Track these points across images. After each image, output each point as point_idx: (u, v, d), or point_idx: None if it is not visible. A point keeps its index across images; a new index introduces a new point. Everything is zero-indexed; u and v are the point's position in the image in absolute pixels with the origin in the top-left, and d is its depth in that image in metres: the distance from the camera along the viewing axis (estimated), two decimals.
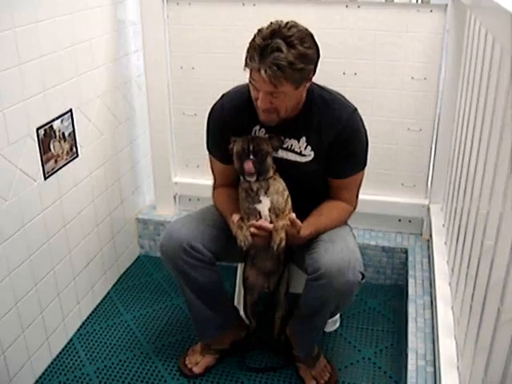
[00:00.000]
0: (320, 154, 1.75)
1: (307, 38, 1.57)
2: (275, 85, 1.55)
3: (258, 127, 1.78)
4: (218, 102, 1.84)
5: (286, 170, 1.77)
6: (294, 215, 1.67)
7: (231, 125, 1.78)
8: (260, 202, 1.71)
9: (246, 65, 1.59)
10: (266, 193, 1.71)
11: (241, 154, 1.70)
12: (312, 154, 1.76)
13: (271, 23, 1.58)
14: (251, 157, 1.67)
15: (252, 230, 1.68)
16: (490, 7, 1.36)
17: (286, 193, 1.74)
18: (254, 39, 1.57)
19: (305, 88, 1.67)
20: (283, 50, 1.51)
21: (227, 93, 1.84)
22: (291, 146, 1.77)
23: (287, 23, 1.57)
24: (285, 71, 1.52)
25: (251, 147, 1.68)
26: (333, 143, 1.73)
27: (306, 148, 1.76)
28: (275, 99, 1.61)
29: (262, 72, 1.53)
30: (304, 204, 1.76)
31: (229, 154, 1.76)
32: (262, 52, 1.52)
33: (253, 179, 1.70)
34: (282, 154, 1.78)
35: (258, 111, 1.68)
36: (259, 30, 1.57)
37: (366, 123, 1.78)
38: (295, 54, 1.52)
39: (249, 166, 1.67)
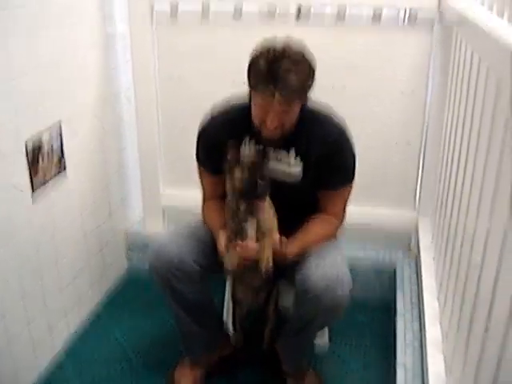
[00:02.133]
0: (309, 165, 1.76)
1: (305, 50, 1.59)
2: (289, 104, 1.57)
3: (247, 138, 1.76)
4: (208, 117, 1.83)
5: (274, 181, 1.75)
6: (278, 236, 1.69)
7: (222, 138, 1.74)
8: (246, 221, 1.70)
9: (256, 90, 1.58)
10: (252, 213, 1.70)
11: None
12: (301, 165, 1.76)
13: (265, 41, 1.57)
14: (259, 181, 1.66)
15: (238, 249, 1.68)
16: (474, 28, 1.38)
17: (272, 211, 1.73)
18: (257, 63, 1.55)
19: None
20: (293, 70, 1.51)
21: (215, 106, 1.83)
22: (280, 156, 1.77)
23: (284, 41, 1.57)
24: (298, 91, 1.54)
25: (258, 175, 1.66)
26: (321, 155, 1.74)
27: (295, 159, 1.76)
28: (285, 117, 1.62)
29: (277, 95, 1.52)
30: (292, 217, 1.75)
31: (219, 165, 1.74)
32: (272, 76, 1.51)
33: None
34: (271, 164, 1.77)
35: (261, 129, 1.67)
36: (260, 53, 1.56)
37: (354, 137, 1.79)
38: (305, 71, 1.54)
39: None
